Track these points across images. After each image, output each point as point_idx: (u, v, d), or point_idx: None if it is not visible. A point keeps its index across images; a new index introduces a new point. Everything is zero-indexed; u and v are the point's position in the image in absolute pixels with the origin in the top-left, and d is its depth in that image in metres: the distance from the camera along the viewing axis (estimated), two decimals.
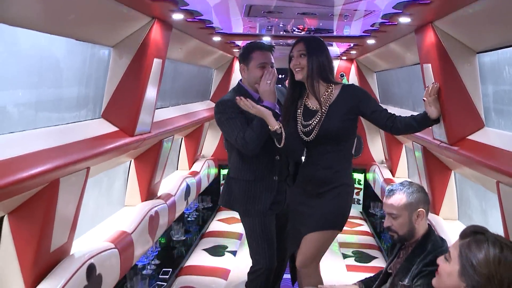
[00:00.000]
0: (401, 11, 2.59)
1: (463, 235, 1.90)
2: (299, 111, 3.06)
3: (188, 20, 3.00)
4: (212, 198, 6.35)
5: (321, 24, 3.47)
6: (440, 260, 1.97)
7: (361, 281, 3.24)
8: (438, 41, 2.76)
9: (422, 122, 2.89)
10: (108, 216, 3.63)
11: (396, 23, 2.92)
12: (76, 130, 2.59)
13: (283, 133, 2.98)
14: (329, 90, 3.02)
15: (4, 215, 2.24)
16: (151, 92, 3.16)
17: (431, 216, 3.23)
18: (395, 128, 2.98)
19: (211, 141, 6.51)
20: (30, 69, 2.20)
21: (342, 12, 2.94)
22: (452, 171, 3.73)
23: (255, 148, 3.19)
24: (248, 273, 3.67)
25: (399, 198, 2.69)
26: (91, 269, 2.57)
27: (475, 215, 3.63)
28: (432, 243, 2.70)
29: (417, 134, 3.39)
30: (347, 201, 3.24)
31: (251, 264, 3.67)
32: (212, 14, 3.06)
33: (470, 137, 2.82)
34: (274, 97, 3.18)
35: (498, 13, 2.18)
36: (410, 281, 2.65)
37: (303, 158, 3.31)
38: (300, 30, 3.78)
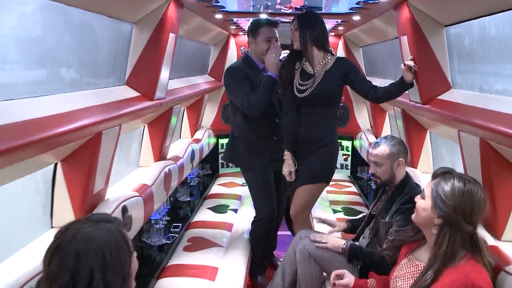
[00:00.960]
0: None
1: (434, 175, 2.34)
2: (297, 72, 3.58)
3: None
4: (211, 165, 6.85)
5: (306, 2, 3.96)
6: (417, 199, 2.38)
7: (349, 220, 3.79)
8: (412, 16, 3.26)
9: (399, 87, 3.42)
10: (127, 174, 4.12)
11: (377, 1, 3.42)
12: (108, 94, 3.05)
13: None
14: (326, 59, 3.57)
15: (57, 162, 2.74)
16: (167, 63, 3.63)
17: (410, 169, 3.76)
18: (376, 95, 3.52)
19: (210, 113, 6.98)
20: (77, 41, 2.67)
21: None
22: (428, 130, 4.26)
23: (257, 111, 3.72)
24: (252, 222, 4.22)
25: (383, 149, 3.26)
26: (124, 210, 3.07)
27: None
28: (408, 187, 3.25)
29: (397, 98, 3.90)
30: (332, 158, 3.80)
31: (251, 220, 4.23)
32: None
33: (439, 97, 3.34)
34: (277, 68, 3.69)
35: None
36: (390, 218, 3.20)
37: None
38: (287, 9, 4.27)
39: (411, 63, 3.33)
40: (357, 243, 3.38)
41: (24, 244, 2.49)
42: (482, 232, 2.66)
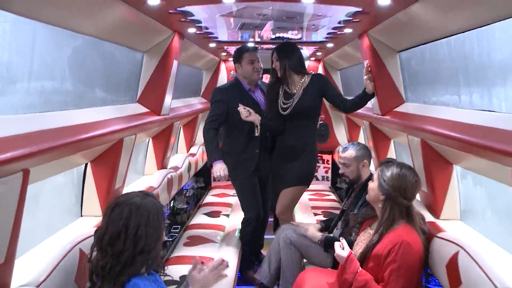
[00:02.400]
0: (343, 25, 3.87)
1: (380, 164, 3.13)
2: (281, 93, 4.31)
3: (197, 32, 4.23)
4: (204, 179, 7.51)
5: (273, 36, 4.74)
6: (369, 182, 3.18)
7: (322, 221, 4.40)
8: (371, 44, 4.04)
9: (363, 97, 4.16)
10: (135, 180, 4.78)
11: (343, 32, 4.20)
12: (124, 109, 3.75)
13: (259, 128, 4.27)
14: (303, 79, 4.30)
15: (87, 162, 3.42)
16: (171, 85, 4.36)
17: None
18: (345, 106, 4.27)
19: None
20: (107, 67, 3.40)
21: (308, 25, 4.21)
22: (392, 140, 5.02)
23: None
24: (241, 223, 4.87)
25: (350, 153, 3.98)
26: None
27: None
28: None
29: (363, 111, 4.64)
30: (312, 163, 4.53)
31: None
32: (215, 27, 4.30)
33: (395, 109, 4.10)
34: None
35: (410, 24, 3.32)
36: (357, 210, 3.89)
37: None
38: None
39: (368, 74, 4.06)
40: (331, 235, 4.05)
41: (65, 225, 3.17)
42: (425, 212, 3.40)
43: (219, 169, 4.31)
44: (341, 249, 2.93)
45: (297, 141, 4.36)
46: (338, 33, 4.34)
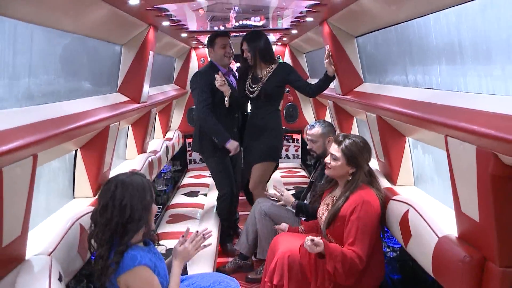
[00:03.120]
0: (305, 15, 4.26)
1: (339, 141, 3.51)
2: (249, 77, 4.70)
3: (171, 25, 4.55)
4: (181, 162, 7.87)
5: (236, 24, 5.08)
6: (331, 161, 3.50)
7: (292, 194, 4.79)
8: (331, 31, 4.43)
9: (325, 80, 4.56)
10: (117, 165, 5.10)
11: (305, 20, 4.59)
12: (107, 99, 4.05)
13: (228, 100, 4.66)
14: (270, 67, 4.68)
15: (77, 149, 3.74)
16: (148, 75, 4.68)
17: None
18: (310, 90, 4.67)
19: (177, 116, 7.97)
20: (90, 60, 3.71)
21: (273, 15, 4.58)
22: (354, 117, 5.45)
23: (199, 121, 4.84)
24: (216, 199, 5.23)
25: (316, 130, 4.37)
26: None
27: None
28: None
29: (327, 92, 5.04)
30: (277, 140, 4.93)
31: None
32: (186, 20, 4.63)
33: (355, 89, 4.52)
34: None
35: (366, 11, 3.65)
36: (323, 181, 4.30)
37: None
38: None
39: (329, 59, 4.46)
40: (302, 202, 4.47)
41: (61, 206, 3.51)
42: (383, 180, 3.85)
43: (236, 147, 4.73)
44: (314, 246, 3.17)
45: (262, 121, 4.78)
46: (300, 21, 4.72)
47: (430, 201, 3.45)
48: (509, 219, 2.14)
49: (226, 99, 4.65)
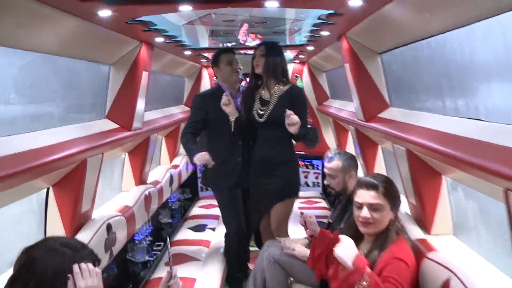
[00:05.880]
0: (319, 28, 3.64)
1: (373, 186, 2.75)
2: (257, 99, 4.04)
3: (167, 41, 3.99)
4: (191, 190, 7.28)
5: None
6: (372, 214, 2.69)
7: (309, 235, 4.16)
8: (350, 47, 3.81)
9: (294, 137, 3.91)
10: (111, 198, 4.55)
11: (320, 35, 3.97)
12: (91, 127, 3.52)
13: (233, 123, 3.98)
14: (279, 87, 4.01)
15: (49, 187, 3.18)
16: (142, 97, 4.12)
17: None
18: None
19: None
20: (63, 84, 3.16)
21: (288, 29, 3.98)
22: (379, 145, 4.78)
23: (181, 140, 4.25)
24: (224, 236, 4.63)
25: (336, 163, 3.71)
26: (109, 227, 3.50)
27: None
28: None
29: (348, 117, 4.40)
30: (295, 173, 4.25)
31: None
32: (184, 36, 4.07)
33: (379, 115, 3.87)
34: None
35: (388, 25, 3.12)
36: (343, 224, 3.66)
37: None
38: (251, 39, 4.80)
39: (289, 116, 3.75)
40: None
41: None
42: (415, 227, 3.18)
43: (200, 157, 3.99)
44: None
45: (272, 152, 4.06)
46: (316, 35, 4.11)
47: (476, 262, 2.73)
48: None
49: (231, 121, 4.01)
